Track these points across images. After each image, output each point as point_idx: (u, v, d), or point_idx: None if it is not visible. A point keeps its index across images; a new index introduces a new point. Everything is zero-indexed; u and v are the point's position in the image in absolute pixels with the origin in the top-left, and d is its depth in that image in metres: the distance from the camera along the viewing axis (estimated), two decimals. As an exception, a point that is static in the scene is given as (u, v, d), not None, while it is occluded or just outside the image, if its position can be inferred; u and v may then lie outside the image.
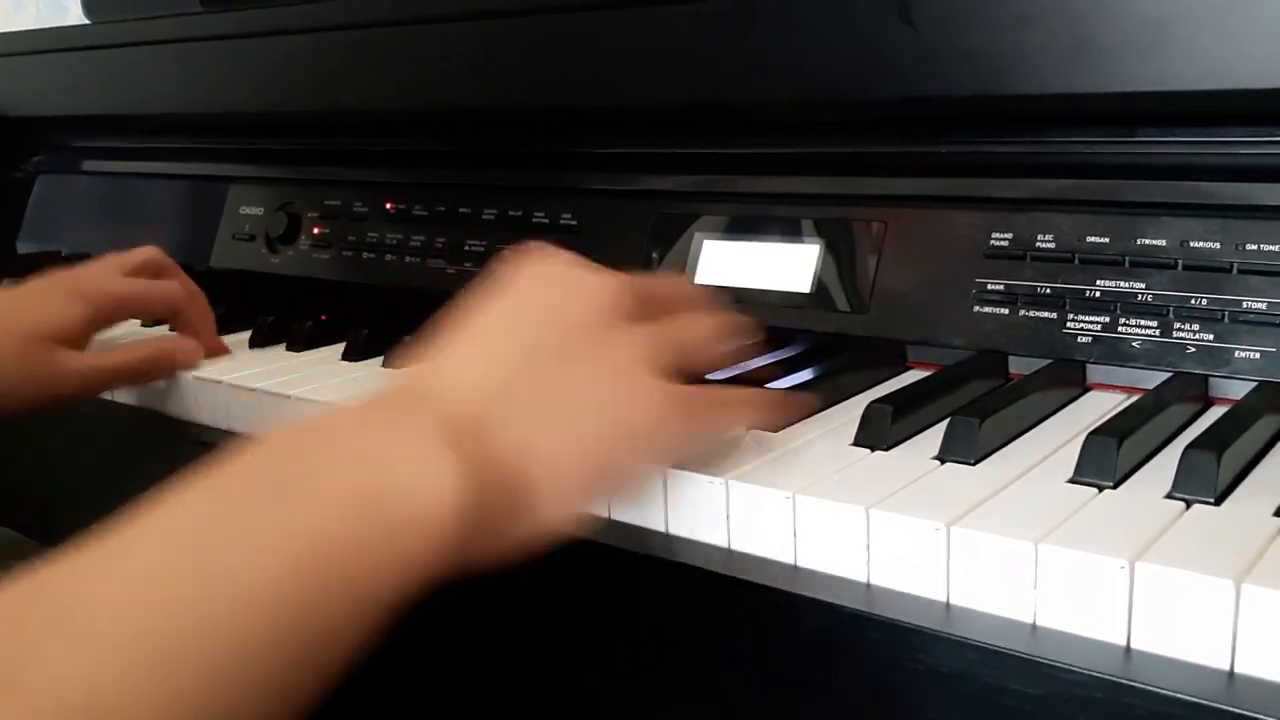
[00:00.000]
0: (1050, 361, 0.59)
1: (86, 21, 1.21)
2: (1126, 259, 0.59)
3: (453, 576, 0.38)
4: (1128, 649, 0.38)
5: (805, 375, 0.60)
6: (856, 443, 0.52)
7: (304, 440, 0.36)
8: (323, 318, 0.82)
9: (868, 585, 0.43)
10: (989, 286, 0.62)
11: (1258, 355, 0.55)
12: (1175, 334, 0.57)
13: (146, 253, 0.77)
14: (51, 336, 0.67)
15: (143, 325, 0.90)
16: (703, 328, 0.51)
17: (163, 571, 0.31)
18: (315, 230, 0.96)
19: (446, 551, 0.36)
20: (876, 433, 0.51)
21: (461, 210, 0.87)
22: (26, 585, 0.29)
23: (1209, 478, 0.43)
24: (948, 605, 0.41)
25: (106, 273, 0.74)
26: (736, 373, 0.59)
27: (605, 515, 0.51)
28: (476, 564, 0.39)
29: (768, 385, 0.58)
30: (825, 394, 0.58)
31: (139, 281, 0.75)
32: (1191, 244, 0.57)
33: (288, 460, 0.35)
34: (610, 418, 0.43)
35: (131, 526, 0.32)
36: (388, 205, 0.92)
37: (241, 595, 0.31)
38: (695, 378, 0.50)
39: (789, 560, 0.45)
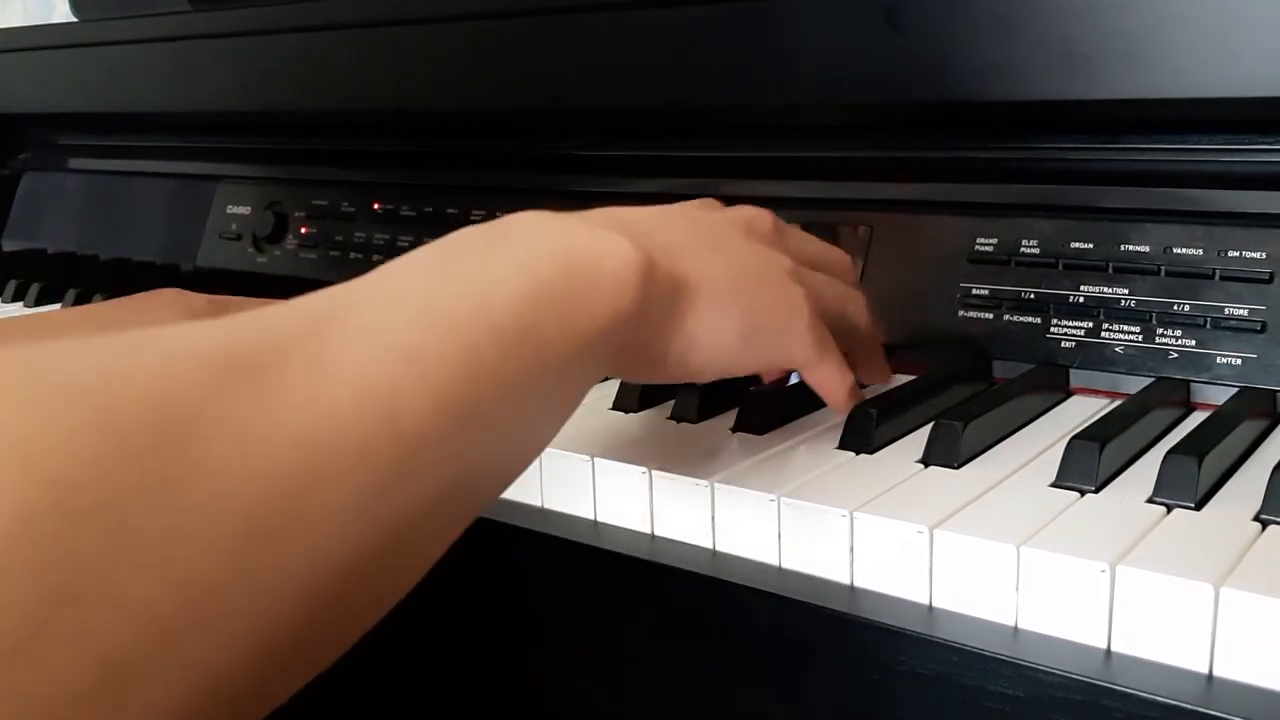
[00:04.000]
0: (1034, 366, 0.59)
1: (74, 19, 1.20)
2: (1110, 265, 0.59)
3: (620, 367, 0.43)
4: (1108, 652, 0.38)
5: (792, 378, 0.60)
6: (841, 446, 0.52)
7: (496, 225, 0.39)
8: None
9: (851, 587, 0.43)
10: (973, 291, 0.63)
11: (1239, 361, 0.55)
12: (1158, 339, 0.57)
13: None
14: None
15: None
16: (844, 288, 0.52)
17: (392, 308, 0.33)
18: (302, 230, 0.96)
19: (630, 316, 0.39)
20: (861, 436, 0.52)
21: (449, 211, 0.87)
22: (297, 305, 0.32)
23: (1190, 482, 0.44)
24: (930, 607, 0.42)
25: (221, 303, 0.68)
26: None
27: (592, 518, 0.51)
28: (640, 360, 0.43)
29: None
30: (810, 397, 0.58)
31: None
32: (1174, 250, 0.58)
33: (492, 232, 0.38)
34: (763, 284, 0.45)
35: (350, 283, 0.34)
36: (375, 205, 0.92)
37: (490, 319, 0.34)
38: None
39: (774, 562, 0.46)
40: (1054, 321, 0.60)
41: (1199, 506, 0.44)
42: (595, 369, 0.40)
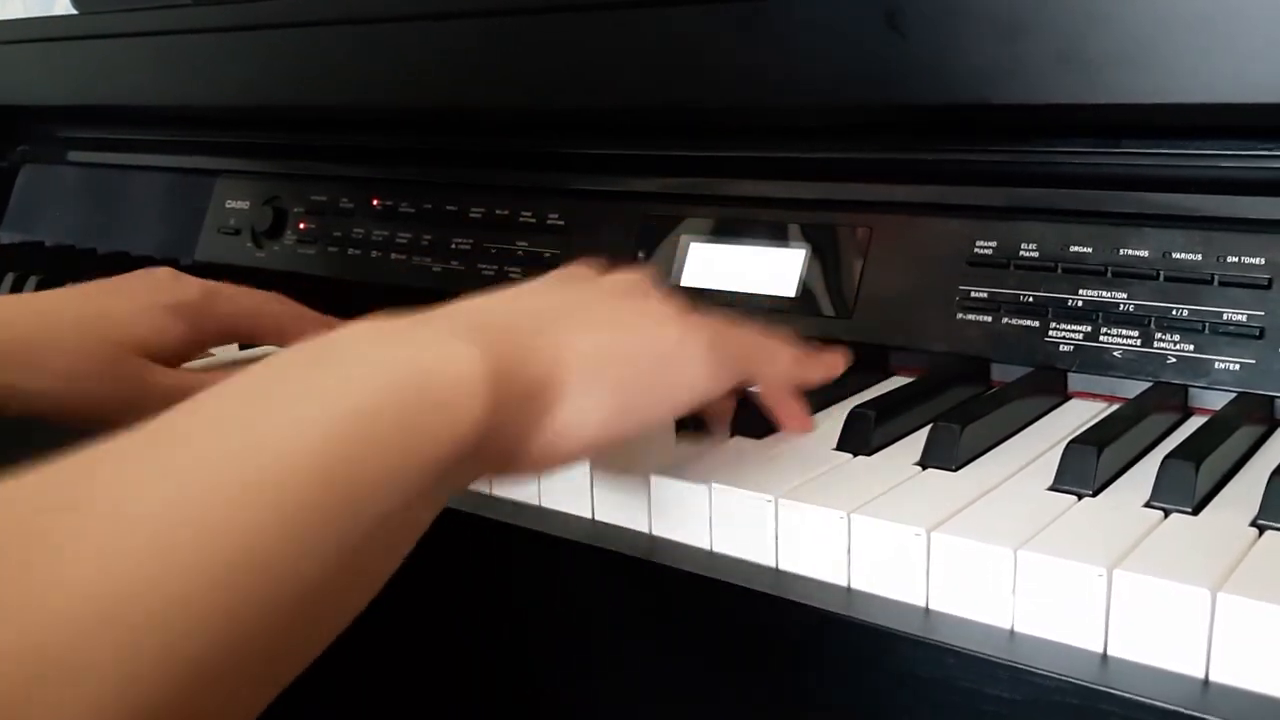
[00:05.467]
0: (1032, 369, 0.60)
1: (74, 11, 1.20)
2: (1109, 269, 0.59)
3: (482, 474, 0.40)
4: (1104, 656, 0.38)
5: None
6: (839, 447, 0.52)
7: (321, 343, 0.36)
8: (308, 314, 0.81)
9: (848, 589, 0.43)
10: (972, 294, 0.63)
11: (1237, 366, 0.55)
12: (1156, 344, 0.57)
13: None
14: (144, 352, 0.62)
15: (241, 349, 0.87)
16: (742, 327, 0.49)
17: (191, 450, 0.30)
18: (301, 225, 0.96)
19: (477, 434, 0.36)
20: (859, 438, 0.52)
21: (448, 208, 0.87)
22: (41, 476, 0.28)
23: (1187, 487, 0.44)
24: (927, 610, 0.42)
25: (215, 291, 0.67)
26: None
27: (590, 518, 0.51)
28: (504, 466, 0.40)
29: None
30: (808, 399, 0.58)
31: (245, 302, 0.69)
32: (1173, 255, 0.58)
33: (311, 356, 0.35)
34: (635, 335, 0.43)
35: (157, 419, 0.31)
36: (374, 202, 0.92)
37: (280, 465, 0.30)
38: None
39: (770, 563, 0.46)
40: (1053, 325, 0.60)
41: (1196, 511, 0.44)
42: (440, 493, 0.37)
